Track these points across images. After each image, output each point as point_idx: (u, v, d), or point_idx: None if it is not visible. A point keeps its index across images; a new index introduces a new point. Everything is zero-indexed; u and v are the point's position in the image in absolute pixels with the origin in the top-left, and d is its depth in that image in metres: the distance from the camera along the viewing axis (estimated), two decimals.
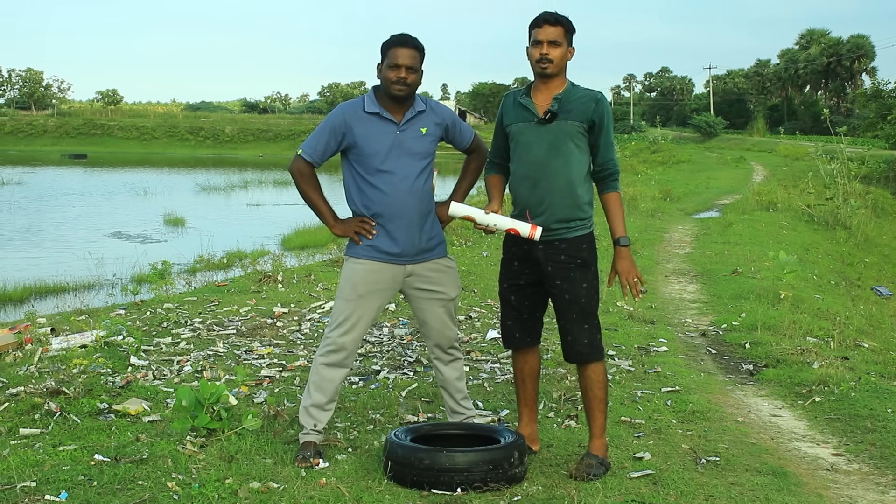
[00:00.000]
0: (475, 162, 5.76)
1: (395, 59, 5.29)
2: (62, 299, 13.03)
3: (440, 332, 5.58)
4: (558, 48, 5.15)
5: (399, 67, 5.28)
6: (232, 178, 47.10)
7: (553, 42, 5.15)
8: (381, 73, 5.35)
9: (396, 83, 5.29)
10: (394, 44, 5.33)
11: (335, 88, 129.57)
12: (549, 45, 5.15)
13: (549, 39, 5.15)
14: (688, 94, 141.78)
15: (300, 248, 18.95)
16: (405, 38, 5.37)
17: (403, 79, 5.28)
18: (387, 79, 5.30)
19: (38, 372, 7.33)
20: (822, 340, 8.92)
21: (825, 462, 5.70)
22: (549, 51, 5.15)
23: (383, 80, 5.33)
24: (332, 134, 5.38)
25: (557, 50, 5.15)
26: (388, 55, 5.31)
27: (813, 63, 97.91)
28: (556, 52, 5.15)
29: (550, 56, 5.15)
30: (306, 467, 5.25)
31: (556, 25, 5.16)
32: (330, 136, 5.38)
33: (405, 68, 5.28)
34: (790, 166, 39.09)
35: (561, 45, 5.16)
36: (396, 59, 5.29)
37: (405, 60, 5.29)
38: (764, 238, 16.95)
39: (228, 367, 7.66)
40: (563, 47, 5.17)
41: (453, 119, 5.58)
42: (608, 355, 8.07)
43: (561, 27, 5.15)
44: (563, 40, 5.17)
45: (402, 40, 5.35)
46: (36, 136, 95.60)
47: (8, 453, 5.47)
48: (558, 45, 5.15)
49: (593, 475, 5.15)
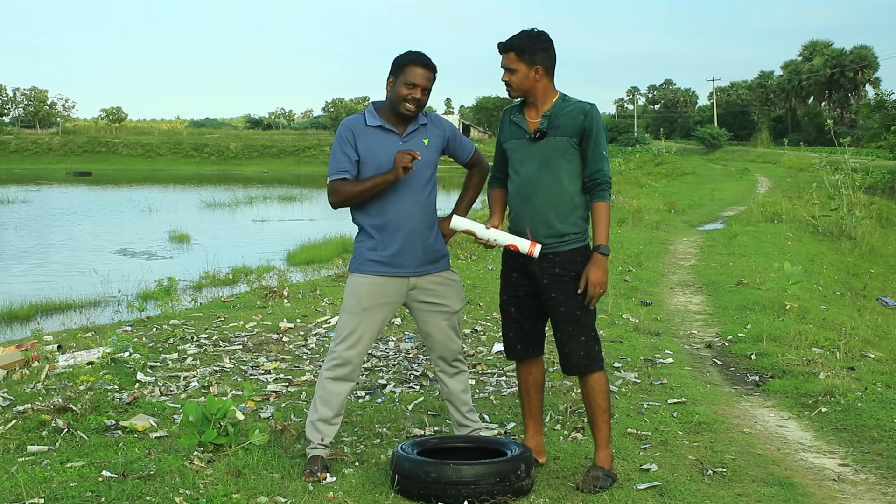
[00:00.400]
0: (476, 176, 5.77)
1: (413, 79, 5.29)
2: (68, 317, 13.07)
3: (444, 345, 5.59)
4: (515, 74, 5.21)
5: (416, 87, 5.28)
6: (237, 194, 47.14)
7: (508, 69, 5.22)
8: (393, 88, 5.34)
9: (409, 102, 5.29)
10: (413, 62, 5.31)
11: (339, 104, 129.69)
12: (507, 71, 5.23)
13: (504, 67, 5.23)
14: (691, 106, 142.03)
15: (305, 263, 18.99)
16: (425, 58, 5.36)
17: (418, 99, 5.29)
18: (400, 95, 5.29)
19: (45, 389, 7.34)
20: (827, 351, 8.91)
21: (832, 472, 5.69)
22: (508, 77, 5.23)
23: (395, 96, 5.32)
24: (346, 145, 5.36)
25: (515, 76, 5.21)
26: (406, 73, 5.30)
27: (816, 74, 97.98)
28: (515, 77, 5.22)
29: (510, 82, 5.23)
30: (314, 481, 5.25)
31: (507, 52, 5.21)
32: (346, 147, 5.36)
33: (421, 89, 5.29)
34: (794, 177, 39.05)
35: (517, 70, 5.20)
36: (414, 79, 5.28)
37: (422, 81, 5.30)
38: (769, 249, 16.94)
39: (235, 382, 7.67)
40: (521, 71, 5.20)
41: (454, 132, 5.60)
42: (614, 367, 8.08)
43: (512, 52, 5.19)
44: (518, 64, 5.19)
45: (422, 60, 5.33)
46: (41, 155, 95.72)
47: (16, 470, 5.48)
48: (514, 71, 5.20)
49: (600, 487, 5.15)
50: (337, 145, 5.41)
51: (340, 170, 5.36)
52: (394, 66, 5.37)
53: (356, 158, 5.36)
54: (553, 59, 5.26)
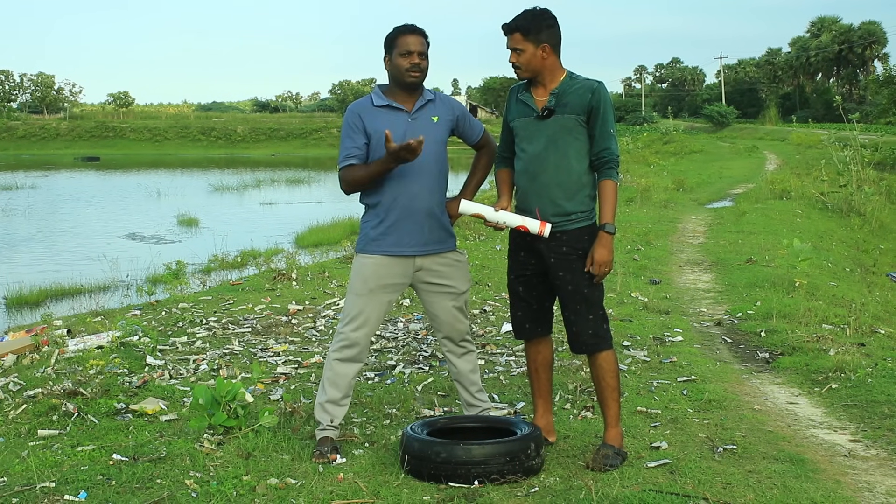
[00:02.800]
0: (485, 158, 5.76)
1: (407, 47, 5.31)
2: (78, 301, 13.08)
3: (451, 325, 5.59)
4: (522, 54, 5.18)
5: (412, 54, 5.31)
6: (244, 177, 47.16)
7: (514, 49, 5.19)
8: (391, 64, 5.37)
9: (411, 69, 5.31)
10: (401, 32, 5.36)
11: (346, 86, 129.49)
12: (514, 52, 5.20)
13: (511, 48, 5.21)
14: (699, 84, 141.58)
15: (314, 245, 18.98)
16: (411, 26, 5.40)
17: (417, 64, 5.31)
18: (399, 67, 5.32)
19: (55, 373, 7.35)
20: (837, 327, 8.89)
21: (843, 448, 5.68)
22: (515, 58, 5.21)
23: (396, 70, 5.34)
24: (352, 131, 5.37)
25: (522, 56, 5.18)
26: (398, 44, 5.33)
27: (824, 51, 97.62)
28: (522, 58, 5.19)
29: (517, 63, 5.21)
30: (323, 463, 5.26)
31: (512, 33, 5.19)
32: (353, 133, 5.36)
33: (417, 54, 5.32)
34: (803, 154, 38.94)
35: (523, 50, 5.17)
36: (408, 46, 5.31)
37: (416, 47, 5.32)
38: (778, 226, 16.89)
39: (244, 365, 7.69)
40: (528, 51, 5.17)
41: (463, 111, 5.60)
42: (623, 346, 8.07)
43: (517, 33, 5.17)
44: (525, 44, 5.16)
45: (409, 28, 5.38)
46: (49, 140, 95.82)
47: (27, 454, 5.50)
48: (521, 51, 5.18)
49: (610, 465, 5.15)
50: (344, 132, 5.43)
51: (348, 156, 5.37)
52: (386, 44, 5.41)
53: (364, 142, 5.36)
54: (559, 37, 5.23)
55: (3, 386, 7.14)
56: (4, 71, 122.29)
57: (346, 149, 5.39)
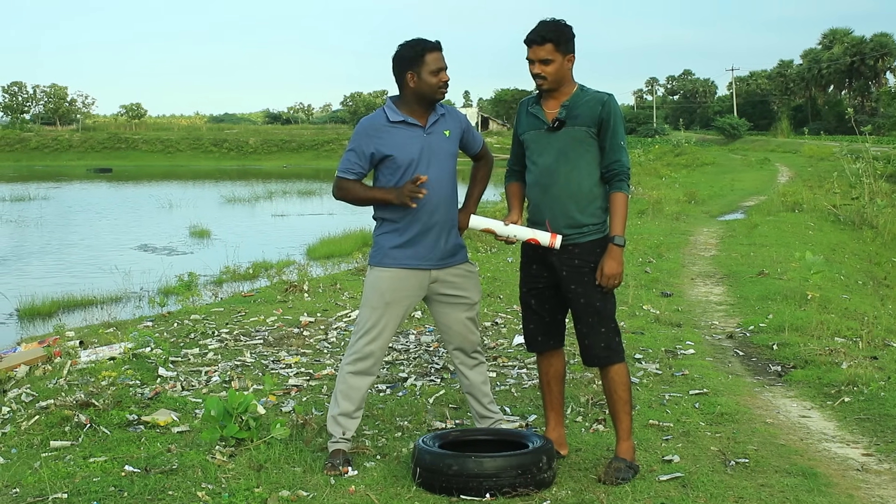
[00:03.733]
0: (483, 169, 5.80)
1: (438, 64, 5.32)
2: (90, 312, 13.11)
3: (464, 336, 5.59)
4: (550, 65, 5.17)
5: (443, 71, 5.33)
6: (256, 189, 47.21)
7: (544, 60, 5.18)
8: (419, 80, 5.33)
9: (443, 87, 5.35)
10: (429, 49, 5.33)
11: (357, 98, 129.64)
12: (541, 63, 5.19)
13: (538, 59, 5.19)
14: (711, 96, 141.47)
15: (325, 257, 19.00)
16: (436, 42, 5.39)
17: (447, 81, 5.35)
18: (431, 85, 5.31)
19: (67, 385, 7.37)
20: (850, 340, 8.87)
21: (855, 462, 5.66)
22: (542, 69, 5.19)
23: (426, 87, 5.32)
24: (361, 152, 5.38)
25: (549, 66, 5.18)
26: (427, 61, 5.30)
27: (836, 62, 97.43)
28: (549, 68, 5.18)
29: (543, 73, 5.19)
30: (335, 475, 5.26)
31: (544, 44, 5.17)
32: (360, 153, 5.38)
33: (445, 70, 5.35)
34: (815, 167, 38.88)
35: (553, 61, 5.17)
36: (438, 63, 5.32)
37: (444, 63, 5.35)
38: (790, 239, 16.86)
39: (256, 376, 7.69)
40: (557, 62, 5.17)
41: (468, 124, 5.63)
42: (635, 359, 8.07)
43: (550, 44, 5.16)
44: (555, 55, 5.16)
45: (435, 45, 5.37)
46: (61, 152, 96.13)
47: (39, 466, 5.52)
48: (550, 62, 5.17)
49: (622, 479, 5.14)
50: (353, 145, 5.43)
51: (349, 170, 5.42)
52: (408, 59, 5.36)
53: (367, 169, 5.41)
54: (575, 48, 5.27)
55: (16, 397, 7.17)
56: (18, 82, 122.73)
57: (349, 162, 5.42)
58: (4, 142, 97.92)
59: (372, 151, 5.36)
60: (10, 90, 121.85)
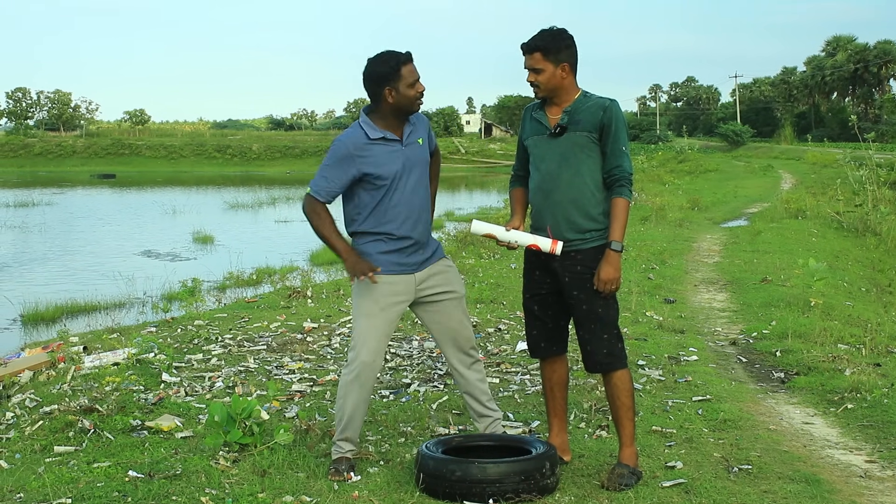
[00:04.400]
0: (435, 166, 5.76)
1: (414, 75, 5.33)
2: (94, 318, 13.13)
3: (459, 332, 5.59)
4: (541, 74, 5.21)
5: (418, 81, 5.33)
6: (259, 195, 47.24)
7: (534, 69, 5.22)
8: (397, 94, 5.30)
9: (420, 98, 5.37)
10: (404, 62, 5.31)
11: (361, 104, 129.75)
12: (533, 72, 5.23)
13: (530, 67, 5.23)
14: (714, 103, 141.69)
15: (329, 263, 18.98)
16: (408, 53, 5.37)
17: (423, 91, 5.37)
18: (409, 97, 5.31)
19: (71, 390, 7.38)
20: (853, 347, 8.87)
21: (858, 469, 5.67)
22: (534, 77, 5.24)
23: (404, 100, 5.31)
24: (341, 171, 5.33)
25: (541, 75, 5.21)
26: (404, 75, 5.28)
27: (840, 69, 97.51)
28: (540, 77, 5.22)
29: (536, 82, 5.24)
30: (339, 481, 5.27)
31: (533, 52, 5.20)
32: (340, 173, 5.34)
33: (419, 80, 5.36)
34: (818, 173, 38.90)
35: (543, 70, 5.20)
36: (415, 75, 5.33)
37: (417, 73, 5.36)
38: (793, 246, 16.86)
39: (259, 382, 7.70)
40: (548, 71, 5.20)
41: (428, 126, 5.66)
42: (638, 365, 8.07)
43: (538, 52, 5.19)
44: (545, 64, 5.19)
45: (408, 57, 5.35)
46: (65, 157, 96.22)
47: (43, 471, 5.52)
48: (540, 70, 5.21)
49: (625, 485, 5.15)
50: (332, 165, 5.37)
51: (326, 190, 5.37)
52: (384, 75, 5.31)
53: (344, 186, 5.37)
54: (576, 56, 5.27)
55: (20, 402, 7.18)
56: (22, 88, 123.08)
57: (326, 180, 5.35)
58: (8, 147, 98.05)
59: (354, 174, 5.33)
60: (14, 96, 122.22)
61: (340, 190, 5.39)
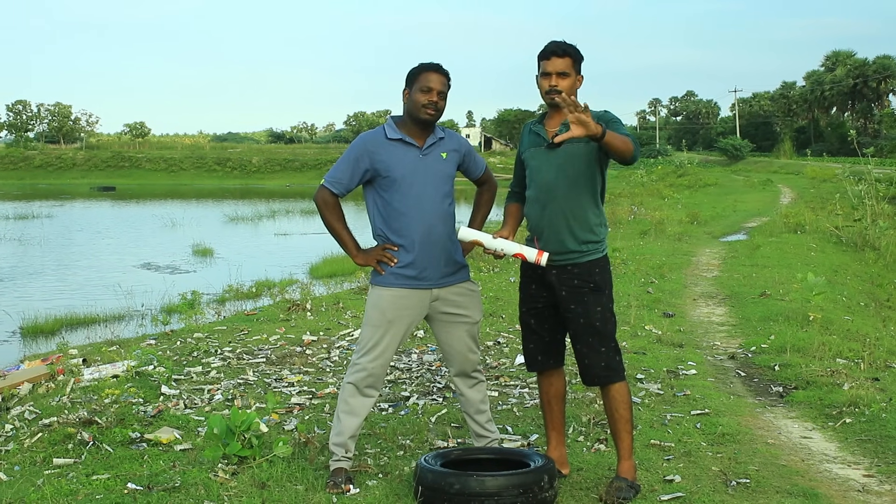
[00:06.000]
0: (487, 194, 5.85)
1: (428, 83, 5.36)
2: (93, 330, 13.13)
3: (464, 356, 5.61)
4: (567, 79, 5.20)
5: (431, 91, 5.35)
6: (259, 208, 47.29)
7: (561, 73, 5.20)
8: (410, 97, 5.40)
9: (427, 106, 5.35)
10: (426, 69, 5.40)
11: (361, 117, 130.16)
12: (558, 76, 5.20)
13: (557, 71, 5.20)
14: (713, 117, 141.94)
15: (328, 276, 19.02)
16: (437, 64, 5.44)
17: (434, 103, 5.36)
18: (417, 102, 5.36)
19: (70, 402, 7.39)
20: (852, 362, 8.87)
21: (856, 483, 5.67)
22: (558, 82, 5.20)
23: (412, 104, 5.39)
24: (355, 165, 5.43)
25: (566, 81, 5.20)
26: (420, 79, 5.37)
27: (839, 84, 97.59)
28: (565, 82, 5.20)
29: (559, 87, 5.19)
30: (337, 493, 5.27)
31: (564, 57, 5.19)
32: (353, 166, 5.43)
33: (436, 92, 5.36)
34: (817, 188, 38.93)
35: (569, 75, 5.20)
36: (429, 83, 5.36)
37: (437, 85, 5.37)
38: (792, 260, 16.88)
39: (259, 395, 7.71)
40: (572, 77, 5.21)
41: (469, 149, 5.67)
42: (636, 379, 8.08)
43: (569, 58, 5.19)
44: (572, 70, 5.21)
45: (434, 66, 5.42)
46: (65, 170, 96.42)
47: (42, 483, 5.53)
48: (567, 75, 5.20)
49: (623, 498, 5.15)
50: (347, 159, 5.48)
51: (336, 184, 5.47)
52: (408, 77, 5.45)
53: (357, 182, 5.46)
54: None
55: (19, 414, 7.19)
56: (22, 101, 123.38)
57: (340, 171, 5.47)
58: (8, 160, 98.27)
59: (366, 167, 5.41)
60: (14, 108, 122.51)
61: (351, 183, 5.45)
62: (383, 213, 5.45)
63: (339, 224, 5.54)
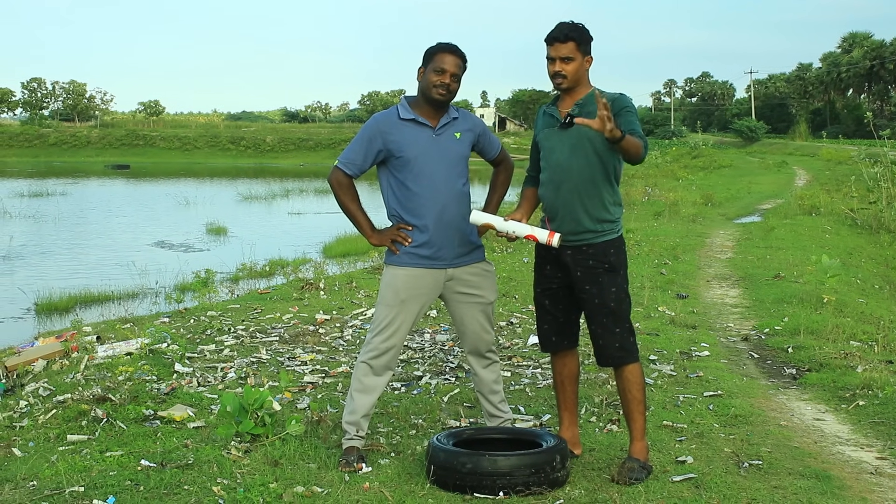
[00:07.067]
0: (503, 174, 5.84)
1: (442, 64, 5.35)
2: (107, 308, 13.16)
3: (478, 335, 5.61)
4: (571, 63, 5.18)
5: (444, 72, 5.35)
6: (273, 187, 47.34)
7: (565, 58, 5.18)
8: (424, 76, 5.41)
9: (439, 87, 5.35)
10: (441, 50, 5.40)
11: (375, 97, 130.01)
12: (562, 61, 5.19)
13: (560, 56, 5.18)
14: (729, 98, 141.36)
15: (341, 255, 19.02)
16: (453, 46, 5.44)
17: (447, 84, 5.35)
18: (430, 82, 5.36)
19: (84, 379, 7.41)
20: (865, 344, 8.85)
21: (869, 466, 5.66)
22: (562, 67, 5.19)
23: (425, 84, 5.39)
24: (368, 145, 5.44)
25: (570, 65, 5.18)
26: (435, 60, 5.37)
27: (856, 66, 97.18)
28: (569, 67, 5.18)
29: (564, 72, 5.19)
30: (350, 472, 5.29)
31: (567, 42, 5.17)
32: (367, 147, 5.44)
33: (450, 74, 5.36)
34: (833, 170, 38.76)
35: (574, 59, 5.18)
36: (443, 64, 5.35)
37: (451, 67, 5.36)
38: (806, 242, 16.82)
39: (272, 373, 7.72)
40: (577, 61, 5.19)
41: (484, 129, 5.66)
42: (650, 360, 8.07)
43: (572, 42, 5.17)
44: (576, 54, 5.18)
45: (450, 48, 5.42)
46: (80, 148, 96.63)
47: (56, 459, 5.56)
48: (571, 60, 5.18)
49: (635, 479, 5.15)
50: (361, 139, 5.50)
51: (349, 164, 5.49)
52: (425, 55, 5.46)
53: (371, 162, 5.49)
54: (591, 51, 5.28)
55: (34, 391, 7.22)
56: (37, 79, 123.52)
57: (353, 152, 5.50)
58: (23, 138, 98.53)
59: (379, 147, 5.42)
60: (29, 86, 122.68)
61: (364, 163, 5.47)
62: (397, 193, 5.45)
63: (353, 205, 5.54)
